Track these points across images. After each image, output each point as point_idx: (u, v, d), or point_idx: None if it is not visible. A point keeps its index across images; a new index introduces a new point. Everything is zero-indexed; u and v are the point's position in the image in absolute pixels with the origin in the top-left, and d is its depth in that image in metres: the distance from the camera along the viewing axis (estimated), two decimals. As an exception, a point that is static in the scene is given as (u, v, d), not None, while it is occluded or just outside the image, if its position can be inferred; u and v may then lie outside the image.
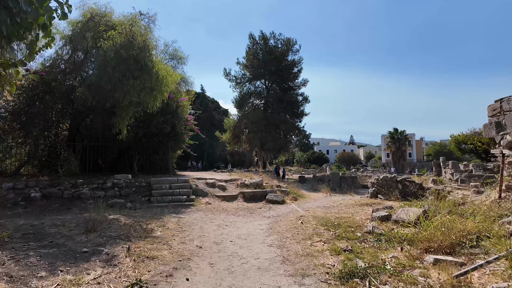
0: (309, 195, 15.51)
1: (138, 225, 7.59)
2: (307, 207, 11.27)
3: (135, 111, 12.32)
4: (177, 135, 15.12)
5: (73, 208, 9.88)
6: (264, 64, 34.23)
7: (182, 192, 11.78)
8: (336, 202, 12.55)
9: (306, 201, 13.13)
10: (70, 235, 6.07)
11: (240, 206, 11.05)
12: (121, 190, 11.74)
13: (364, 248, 5.47)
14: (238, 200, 12.09)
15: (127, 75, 10.48)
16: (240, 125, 36.70)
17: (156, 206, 10.57)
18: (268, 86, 36.42)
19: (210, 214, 9.50)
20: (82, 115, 13.96)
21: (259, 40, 35.94)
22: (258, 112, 32.91)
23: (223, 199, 11.92)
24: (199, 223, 8.08)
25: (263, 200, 12.20)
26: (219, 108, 68.17)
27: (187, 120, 15.70)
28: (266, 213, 9.79)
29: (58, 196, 10.94)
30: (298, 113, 34.87)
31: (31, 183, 11.29)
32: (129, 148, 14.79)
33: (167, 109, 14.23)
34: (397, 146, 59.03)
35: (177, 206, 10.72)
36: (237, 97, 35.88)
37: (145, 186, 12.30)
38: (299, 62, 35.29)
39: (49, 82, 13.39)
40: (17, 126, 13.39)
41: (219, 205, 11.20)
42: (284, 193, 13.15)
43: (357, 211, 9.86)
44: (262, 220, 8.59)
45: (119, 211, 9.55)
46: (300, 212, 9.87)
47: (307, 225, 7.55)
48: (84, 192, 11.22)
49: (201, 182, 13.20)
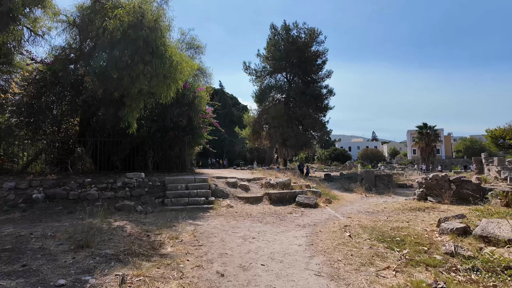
0: (343, 196, 13.69)
1: (145, 236, 6.16)
2: (346, 212, 9.53)
3: (147, 102, 10.98)
4: (194, 129, 13.70)
5: (76, 211, 8.62)
6: (285, 56, 32.37)
7: (200, 193, 10.34)
8: (379, 206, 10.71)
9: (342, 204, 11.36)
10: (54, 254, 4.69)
11: (267, 210, 9.45)
12: (132, 191, 10.44)
13: (459, 284, 3.73)
14: (264, 202, 10.50)
15: (135, 59, 9.09)
16: (260, 121, 35.09)
17: (171, 209, 9.17)
18: (289, 79, 34.56)
19: (233, 221, 7.97)
20: (92, 108, 12.79)
21: (281, 30, 34.10)
22: (279, 107, 31.13)
23: (247, 201, 10.38)
24: (219, 234, 6.56)
25: (292, 202, 10.56)
26: (238, 104, 66.96)
27: (205, 113, 14.24)
28: (299, 220, 8.14)
29: (62, 197, 9.77)
30: (322, 107, 32.81)
31: (35, 182, 10.20)
32: (143, 144, 13.54)
33: (183, 100, 12.82)
34: (426, 142, 55.67)
35: (194, 209, 9.27)
36: (257, 91, 34.23)
37: (159, 186, 10.97)
38: (324, 53, 33.15)
39: (56, 72, 12.32)
40: (24, 121, 12.40)
41: (242, 208, 9.66)
42: (315, 195, 11.44)
43: (412, 219, 8.03)
44: (297, 230, 6.95)
45: (126, 216, 8.20)
46: (341, 220, 8.15)
47: (358, 240, 5.84)
48: (91, 193, 10.00)
49: (221, 182, 11.72)
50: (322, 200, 11.07)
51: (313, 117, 32.05)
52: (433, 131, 55.75)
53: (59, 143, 13.50)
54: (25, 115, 12.34)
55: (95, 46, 10.57)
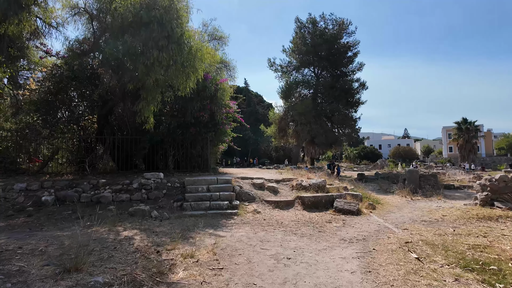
0: (385, 199, 11.94)
1: (154, 252, 4.98)
2: (397, 221, 7.90)
3: (165, 95, 9.92)
4: (216, 125, 12.52)
5: (85, 216, 7.67)
6: (313, 50, 30.57)
7: (223, 196, 9.11)
8: (435, 213, 8.96)
9: (388, 210, 9.69)
10: (30, 282, 3.58)
11: (301, 218, 8.03)
12: (149, 193, 9.42)
13: None
14: (296, 207, 9.09)
15: (149, 44, 8.01)
16: (286, 118, 33.59)
17: (190, 215, 8.01)
18: (317, 73, 32.74)
19: (261, 231, 6.64)
20: (109, 104, 11.96)
21: (307, 23, 32.37)
22: (306, 102, 29.43)
23: (276, 206, 9.01)
24: (245, 250, 5.25)
25: (329, 208, 9.06)
26: (262, 102, 65.76)
27: (228, 107, 13.02)
28: (342, 232, 6.65)
29: (74, 199, 8.89)
30: (353, 102, 30.72)
31: (46, 183, 9.45)
32: (163, 142, 12.57)
33: (204, 94, 11.66)
34: (465, 139, 51.66)
35: (216, 215, 8.05)
36: (283, 87, 32.73)
37: (178, 188, 9.88)
38: (355, 44, 31.00)
39: (72, 66, 11.61)
40: (40, 118, 11.81)
41: (271, 215, 8.30)
42: (356, 199, 9.86)
43: (488, 232, 6.29)
44: (343, 247, 5.49)
45: (139, 223, 7.11)
46: (395, 232, 6.58)
47: (432, 266, 4.29)
48: (104, 195, 9.07)
49: (246, 183, 10.43)
50: (365, 205, 9.47)
51: (343, 113, 30.05)
52: (474, 126, 51.58)
53: (77, 142, 12.85)
54: (42, 113, 11.75)
55: (107, 33, 9.61)
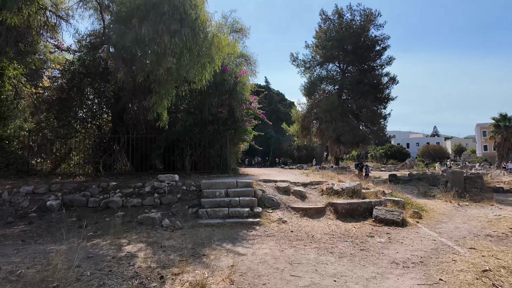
0: (427, 205, 10.38)
1: (157, 278, 3.97)
2: (453, 235, 6.48)
3: (179, 88, 8.97)
4: (236, 122, 11.46)
5: (89, 225, 6.85)
6: (338, 43, 28.84)
7: (244, 202, 8.02)
8: (497, 224, 7.41)
9: (436, 219, 8.21)
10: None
11: (335, 229, 6.79)
12: (162, 197, 8.50)
13: None
14: (327, 216, 7.83)
15: (159, 29, 7.05)
16: (309, 115, 32.08)
17: (205, 224, 6.97)
18: (343, 68, 30.96)
19: (289, 248, 5.47)
20: (122, 101, 11.23)
21: (332, 15, 30.67)
22: (331, 99, 27.78)
23: (304, 214, 7.80)
24: (271, 278, 4.12)
25: (367, 217, 7.74)
26: (284, 100, 64.32)
27: (249, 102, 11.92)
28: (391, 251, 5.36)
29: (81, 204, 8.15)
30: (382, 98, 28.73)
31: (54, 186, 8.77)
32: (179, 141, 11.68)
33: (222, 88, 10.62)
34: (504, 136, 47.85)
35: (235, 225, 6.97)
36: (306, 83, 31.22)
37: (194, 192, 8.90)
38: (384, 39, 28.95)
39: (84, 61, 10.99)
40: (52, 117, 11.28)
41: (299, 225, 7.11)
42: (397, 206, 8.45)
43: None
44: (397, 275, 4.22)
45: (147, 234, 6.16)
46: (460, 253, 5.20)
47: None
48: (114, 199, 8.24)
49: (269, 187, 9.29)
50: (409, 214, 8.05)
51: (372, 109, 28.10)
52: (516, 123, 47.69)
53: (91, 141, 12.25)
54: (54, 111, 11.21)
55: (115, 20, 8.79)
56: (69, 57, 11.47)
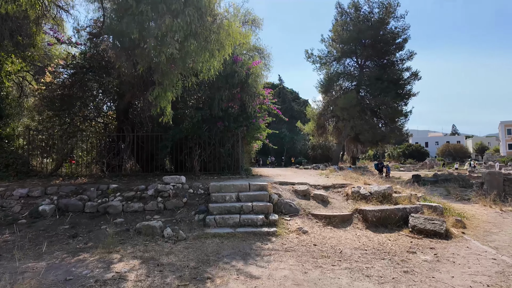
0: (464, 210, 9.08)
1: (144, 315, 3.01)
2: None
3: (186, 80, 8.05)
4: (249, 118, 10.47)
5: (80, 234, 6.02)
6: (355, 37, 27.54)
7: (257, 208, 7.01)
8: None
9: (484, 229, 6.97)
10: None
11: (366, 243, 5.70)
12: (166, 202, 7.59)
13: None
14: (355, 224, 6.73)
15: (160, 9, 6.14)
16: (325, 113, 30.86)
17: (213, 234, 6.01)
18: (360, 63, 29.59)
19: (313, 268, 4.44)
20: (127, 96, 10.43)
21: (349, 9, 29.39)
22: (349, 96, 26.45)
23: (327, 223, 6.73)
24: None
25: (402, 226, 6.60)
26: (298, 99, 62.96)
27: (262, 96, 10.90)
28: (443, 274, 4.24)
29: (77, 209, 7.34)
30: (403, 94, 27.21)
31: (51, 189, 8.02)
32: (187, 139, 10.81)
33: (233, 80, 9.63)
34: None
35: (248, 235, 5.99)
36: (322, 79, 30.03)
37: (202, 195, 7.97)
38: (404, 30, 27.43)
39: (85, 54, 10.27)
40: (52, 114, 10.61)
41: (323, 236, 6.05)
42: (435, 212, 7.26)
43: None
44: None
45: (144, 247, 5.25)
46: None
47: None
48: (113, 204, 7.39)
49: (286, 190, 8.25)
50: (451, 222, 6.84)
51: (392, 106, 26.63)
52: (545, 120, 45.03)
53: (96, 140, 11.53)
54: (55, 109, 10.53)
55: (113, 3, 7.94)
56: (71, 51, 10.79)
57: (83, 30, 8.75)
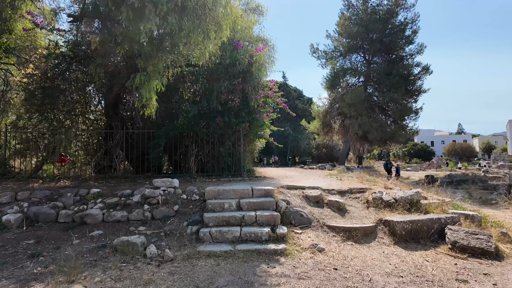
0: (499, 218, 7.88)
1: None
2: None
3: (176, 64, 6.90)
4: (252, 113, 9.30)
5: (45, 252, 4.89)
6: (363, 31, 26.25)
7: (262, 219, 5.85)
8: None
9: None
10: None
11: (400, 266, 4.52)
12: (155, 210, 6.46)
13: None
14: (380, 239, 5.55)
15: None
16: (331, 111, 29.61)
17: (207, 253, 4.85)
18: (368, 58, 28.28)
19: (338, 308, 3.28)
20: (115, 89, 9.31)
21: (356, 1, 28.06)
22: (357, 91, 25.17)
23: (347, 237, 5.55)
24: None
25: (436, 241, 5.43)
26: (302, 97, 61.55)
27: (267, 88, 9.72)
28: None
29: (48, 219, 6.21)
30: (413, 90, 25.89)
31: (22, 194, 6.91)
32: (183, 137, 9.68)
33: (234, 69, 8.44)
34: (545, 133, 43.63)
35: (251, 254, 4.83)
36: (328, 75, 28.73)
37: (196, 202, 6.83)
38: (414, 20, 26.12)
39: (69, 41, 9.17)
40: (33, 109, 9.52)
41: (344, 256, 4.88)
42: (474, 223, 6.07)
43: None
44: None
45: (119, 273, 4.10)
46: None
47: None
48: (91, 213, 6.26)
49: (295, 195, 7.07)
50: (496, 236, 5.65)
51: (401, 103, 25.33)
52: (558, 118, 43.41)
53: (82, 138, 10.43)
54: (33, 103, 9.43)
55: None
56: (54, 39, 9.69)
57: (61, 11, 7.59)
